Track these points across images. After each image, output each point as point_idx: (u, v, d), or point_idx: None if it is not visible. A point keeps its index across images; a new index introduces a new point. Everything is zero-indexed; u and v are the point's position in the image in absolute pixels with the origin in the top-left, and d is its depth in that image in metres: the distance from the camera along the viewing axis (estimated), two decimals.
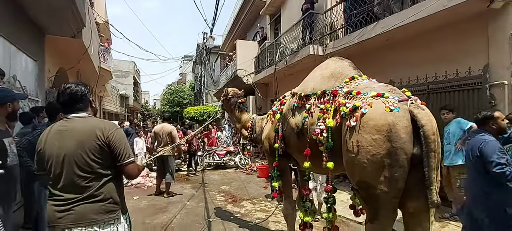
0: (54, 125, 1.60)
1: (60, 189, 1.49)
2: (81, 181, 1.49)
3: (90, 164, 1.50)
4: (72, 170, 1.48)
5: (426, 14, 3.85)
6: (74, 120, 1.57)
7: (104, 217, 1.51)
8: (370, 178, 1.69)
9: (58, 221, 1.46)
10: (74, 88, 1.58)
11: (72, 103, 1.58)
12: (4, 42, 3.97)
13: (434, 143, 1.53)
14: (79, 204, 1.47)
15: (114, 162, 1.57)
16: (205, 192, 5.89)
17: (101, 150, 1.52)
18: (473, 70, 3.91)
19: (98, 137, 1.51)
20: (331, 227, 2.23)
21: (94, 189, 1.50)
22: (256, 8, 11.56)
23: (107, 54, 11.10)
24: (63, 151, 1.49)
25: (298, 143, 2.40)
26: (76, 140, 1.50)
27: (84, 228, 1.47)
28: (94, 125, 1.55)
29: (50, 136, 1.55)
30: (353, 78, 2.17)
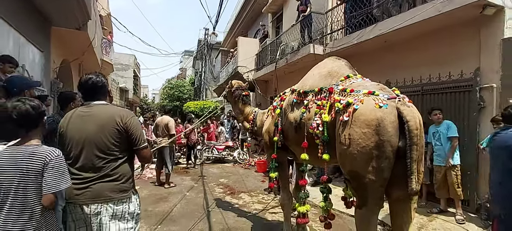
0: (76, 110, 1.75)
1: (78, 168, 1.63)
2: (100, 161, 1.63)
3: (109, 146, 1.65)
4: (91, 151, 1.62)
5: (422, 18, 4.01)
6: (95, 107, 1.72)
7: (118, 195, 1.65)
8: (360, 168, 1.86)
9: (76, 197, 1.60)
10: (96, 78, 1.75)
11: (93, 92, 1.74)
12: (14, 33, 4.09)
13: (417, 137, 1.70)
14: (96, 182, 1.61)
15: (129, 146, 1.72)
16: (204, 184, 6.07)
17: (119, 134, 1.67)
18: (465, 73, 4.08)
19: (117, 123, 1.66)
20: (327, 215, 2.40)
21: (110, 169, 1.64)
22: (258, 6, 11.67)
23: (109, 47, 11.20)
24: (84, 133, 1.64)
25: (296, 136, 2.57)
26: (97, 124, 1.65)
27: (100, 204, 1.61)
28: (113, 112, 1.71)
29: (72, 119, 1.70)
30: (348, 77, 2.34)
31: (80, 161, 1.63)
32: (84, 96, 1.78)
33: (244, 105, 3.83)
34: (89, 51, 7.35)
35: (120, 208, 1.66)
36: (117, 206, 1.65)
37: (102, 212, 1.62)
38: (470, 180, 3.97)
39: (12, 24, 3.94)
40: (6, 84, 2.17)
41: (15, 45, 4.15)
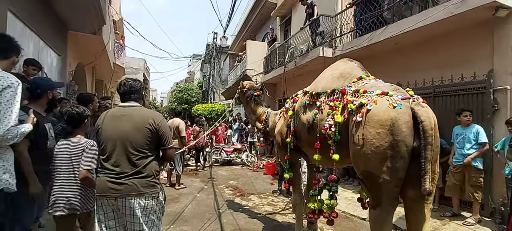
0: (111, 110, 1.96)
1: (113, 164, 1.77)
2: (133, 157, 1.77)
3: (142, 144, 1.79)
4: (126, 148, 1.77)
5: (434, 20, 4.00)
6: (130, 108, 1.89)
7: (149, 190, 1.78)
8: (374, 168, 1.88)
9: (111, 191, 1.73)
10: (133, 82, 1.96)
11: (129, 94, 1.93)
12: (35, 37, 4.28)
13: (431, 137, 1.71)
14: (130, 178, 1.74)
15: (158, 145, 1.89)
16: (214, 185, 6.13)
17: (151, 134, 1.82)
18: (478, 75, 4.03)
19: (150, 124, 1.82)
20: (331, 212, 2.42)
21: (142, 166, 1.78)
22: (267, 9, 11.77)
23: (121, 51, 11.47)
24: (120, 132, 1.79)
25: (308, 137, 2.60)
26: (132, 124, 1.80)
27: (133, 198, 1.73)
28: (147, 114, 1.88)
29: (108, 118, 1.87)
30: (360, 78, 2.36)
31: (115, 157, 1.78)
32: (122, 96, 1.95)
33: (256, 105, 3.87)
34: (102, 55, 7.57)
35: (150, 202, 1.79)
36: (148, 200, 1.78)
37: (134, 205, 1.74)
38: (484, 183, 3.90)
39: (33, 28, 4.13)
40: (30, 86, 2.27)
41: (35, 49, 4.33)
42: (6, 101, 1.72)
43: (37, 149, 2.23)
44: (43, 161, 2.30)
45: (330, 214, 2.41)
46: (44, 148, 2.31)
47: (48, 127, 2.40)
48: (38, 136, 2.24)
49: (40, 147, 2.27)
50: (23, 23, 3.76)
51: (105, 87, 12.35)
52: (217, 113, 14.03)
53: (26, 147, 2.13)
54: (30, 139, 2.16)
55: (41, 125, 2.28)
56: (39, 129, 2.26)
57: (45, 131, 2.34)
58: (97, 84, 11.28)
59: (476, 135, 3.76)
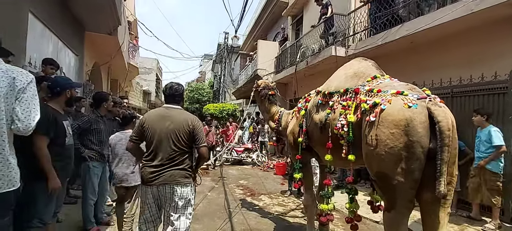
0: (156, 110, 2.28)
1: (156, 157, 2.07)
2: (173, 153, 2.07)
3: (181, 141, 2.08)
4: (168, 144, 2.06)
5: (452, 18, 3.85)
6: (173, 110, 2.19)
7: (184, 180, 2.10)
8: (388, 169, 1.82)
9: (152, 180, 2.05)
10: (177, 87, 2.25)
11: (173, 97, 2.22)
12: (54, 38, 4.44)
13: (448, 138, 1.64)
14: (169, 169, 2.06)
15: (193, 143, 2.16)
16: (224, 185, 6.16)
17: (188, 133, 2.11)
18: (499, 74, 3.85)
19: (188, 125, 2.11)
20: (353, 216, 2.36)
21: (179, 160, 2.09)
22: (278, 9, 11.72)
23: (135, 51, 11.74)
24: (164, 129, 2.08)
25: (321, 137, 2.56)
26: (175, 124, 2.09)
27: (172, 185, 2.06)
28: (186, 116, 2.17)
29: (153, 117, 2.18)
30: (375, 78, 2.30)
31: (159, 151, 2.08)
32: (166, 98, 2.26)
33: (270, 104, 3.87)
34: (117, 55, 7.77)
35: (185, 190, 2.11)
36: (182, 188, 2.10)
37: (173, 192, 2.07)
38: (505, 188, 3.72)
39: (52, 29, 4.29)
40: (51, 84, 2.36)
41: (54, 49, 4.50)
42: (32, 95, 1.79)
43: (55, 146, 2.30)
44: (62, 158, 2.38)
45: (353, 219, 2.34)
46: (62, 145, 2.38)
47: (66, 124, 2.48)
48: (57, 133, 2.32)
49: (59, 144, 2.35)
50: (43, 24, 3.90)
51: (120, 87, 12.68)
52: (228, 113, 14.11)
53: (46, 144, 2.21)
54: (49, 136, 2.24)
55: (59, 122, 2.35)
56: (58, 126, 2.34)
57: (64, 128, 2.41)
58: (112, 83, 11.61)
59: (489, 137, 3.60)
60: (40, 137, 2.19)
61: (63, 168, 2.38)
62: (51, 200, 2.30)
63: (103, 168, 3.33)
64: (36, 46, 3.67)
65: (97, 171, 3.22)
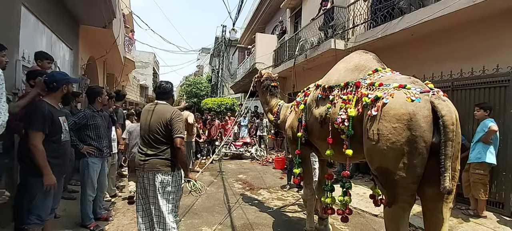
0: (147, 105, 2.54)
1: (143, 146, 2.36)
2: (155, 143, 2.31)
3: (160, 132, 2.30)
4: (150, 135, 2.32)
5: (454, 10, 3.80)
6: (158, 105, 2.42)
7: (165, 168, 2.30)
8: (390, 164, 1.79)
9: (141, 166, 2.33)
10: (165, 85, 2.50)
11: (161, 93, 2.47)
12: (47, 31, 4.33)
13: (452, 132, 1.61)
14: (152, 157, 2.30)
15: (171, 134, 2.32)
16: (223, 179, 6.14)
17: (166, 125, 2.30)
18: (501, 67, 3.81)
19: (166, 118, 2.30)
20: (344, 209, 2.36)
21: (160, 150, 2.31)
22: (277, 1, 11.57)
23: (131, 45, 11.57)
24: (148, 122, 2.34)
25: (321, 132, 2.52)
26: (156, 117, 2.32)
27: (152, 172, 2.29)
28: (167, 110, 2.36)
29: (143, 111, 2.48)
30: (376, 71, 2.26)
31: (145, 141, 2.36)
32: (156, 95, 2.52)
33: (271, 96, 3.79)
34: (113, 48, 7.63)
35: (167, 178, 2.31)
36: (164, 175, 2.30)
37: (155, 178, 2.29)
38: (505, 181, 3.73)
39: (46, 23, 4.17)
40: (47, 79, 2.29)
41: (48, 43, 4.39)
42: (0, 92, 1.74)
43: (51, 142, 2.27)
44: (58, 154, 2.34)
45: (344, 211, 2.35)
46: (58, 141, 2.34)
47: (62, 120, 2.42)
48: (52, 129, 2.27)
49: (54, 140, 2.30)
50: (36, 17, 3.79)
51: (116, 81, 12.54)
52: (226, 107, 14.04)
53: (41, 140, 2.17)
54: (45, 132, 2.19)
55: (55, 118, 2.30)
56: (54, 122, 2.29)
57: (59, 124, 2.37)
58: (109, 77, 11.46)
59: (483, 127, 3.59)
60: (36, 133, 2.15)
61: (59, 165, 2.34)
62: (48, 196, 2.27)
63: (101, 163, 3.29)
64: (30, 40, 3.56)
65: (96, 167, 3.18)
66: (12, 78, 2.99)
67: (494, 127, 3.45)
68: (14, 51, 3.02)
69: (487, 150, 3.59)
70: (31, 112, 2.19)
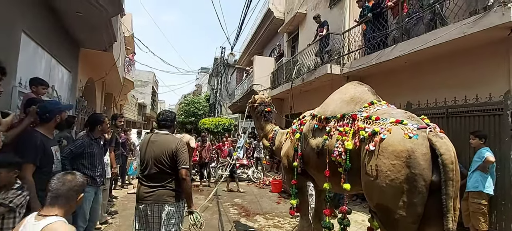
0: (148, 136, 2.50)
1: (147, 178, 2.29)
2: (159, 174, 2.27)
3: (164, 164, 2.26)
4: (155, 167, 2.27)
5: (444, 40, 3.91)
6: (161, 135, 2.40)
7: (171, 199, 2.28)
8: (389, 202, 1.76)
9: (146, 199, 2.27)
10: (168, 114, 2.54)
11: (162, 122, 2.46)
12: (47, 55, 4.37)
13: (452, 171, 1.60)
14: (158, 189, 2.27)
15: (176, 165, 2.30)
16: (219, 204, 5.99)
17: (171, 156, 2.27)
18: (494, 95, 3.87)
19: (172, 148, 2.28)
20: None
21: (166, 181, 2.28)
22: (274, 25, 11.90)
23: (131, 66, 11.70)
24: (151, 153, 2.30)
25: (317, 162, 2.50)
26: (160, 148, 2.29)
27: (158, 204, 2.25)
28: (171, 140, 2.35)
29: (145, 142, 2.42)
30: (372, 104, 2.28)
31: (149, 173, 2.29)
32: (158, 124, 2.53)
33: (265, 122, 3.78)
34: (112, 70, 7.70)
35: (172, 209, 2.27)
36: (170, 206, 2.27)
37: (161, 210, 2.25)
38: (505, 211, 3.67)
39: (46, 48, 4.22)
40: (39, 110, 2.27)
41: (47, 67, 4.41)
42: None
43: (42, 174, 2.20)
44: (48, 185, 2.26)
45: None
46: (49, 172, 2.26)
47: (54, 150, 2.38)
48: (44, 160, 2.22)
49: (45, 172, 2.24)
50: (36, 43, 3.84)
51: (114, 101, 12.55)
52: (223, 128, 14.01)
53: (32, 172, 2.11)
54: (36, 164, 2.14)
55: (47, 148, 2.26)
56: (46, 153, 2.24)
57: (51, 154, 2.31)
58: (107, 97, 11.47)
59: (479, 155, 3.56)
60: (27, 165, 2.09)
61: None
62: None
63: (95, 192, 3.19)
64: (28, 65, 3.58)
65: (89, 196, 3.07)
66: (8, 104, 2.97)
67: (490, 158, 3.44)
68: (11, 78, 3.03)
69: (485, 180, 3.55)
70: (23, 143, 2.15)
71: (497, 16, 3.38)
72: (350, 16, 6.78)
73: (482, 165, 3.51)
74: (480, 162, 3.56)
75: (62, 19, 4.64)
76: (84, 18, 4.47)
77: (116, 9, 4.44)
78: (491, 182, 3.56)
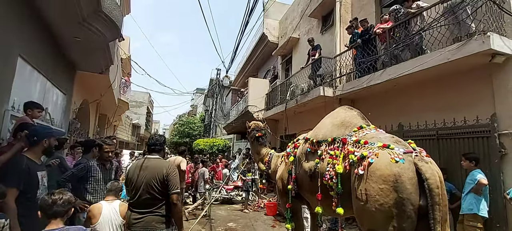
0: (138, 161, 2.46)
1: (136, 205, 2.24)
2: (149, 200, 2.23)
3: (155, 189, 2.23)
4: (145, 193, 2.23)
5: (431, 65, 4.07)
6: (151, 160, 2.38)
7: (161, 226, 2.23)
8: (380, 227, 1.76)
9: (134, 225, 2.21)
10: (158, 137, 2.54)
11: (153, 146, 2.46)
12: (42, 79, 4.39)
13: (438, 196, 1.63)
14: (147, 215, 2.22)
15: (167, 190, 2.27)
16: (212, 228, 5.83)
17: (162, 181, 2.25)
18: (481, 118, 3.99)
19: (163, 173, 2.26)
20: None
21: (155, 207, 2.24)
22: (269, 49, 12.24)
23: (126, 87, 11.76)
24: (142, 179, 2.25)
25: (310, 185, 2.51)
26: (150, 173, 2.26)
27: None
28: (162, 165, 2.33)
29: (134, 168, 2.38)
30: (361, 128, 2.34)
31: (138, 199, 2.24)
32: (148, 148, 2.52)
33: (260, 146, 3.84)
34: (108, 91, 7.74)
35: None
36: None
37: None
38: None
39: (42, 71, 4.26)
40: (29, 133, 2.27)
41: (41, 90, 4.42)
42: None
43: (25, 200, 2.14)
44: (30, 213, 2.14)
45: None
46: (32, 198, 2.20)
47: (41, 175, 2.33)
48: (28, 185, 2.17)
49: (28, 198, 2.18)
50: (32, 67, 3.88)
51: (108, 121, 12.46)
52: (218, 149, 13.92)
53: (14, 197, 2.05)
54: (19, 189, 2.09)
55: (32, 173, 2.22)
56: (30, 178, 2.19)
57: (37, 179, 2.26)
58: (101, 118, 11.40)
59: (472, 178, 3.59)
60: (9, 190, 2.03)
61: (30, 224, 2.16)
62: None
63: None
64: (22, 88, 3.59)
65: None
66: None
67: (483, 181, 3.46)
68: (3, 102, 3.03)
69: (479, 202, 3.55)
70: (8, 168, 2.11)
71: (478, 44, 3.56)
72: (340, 41, 7.04)
73: (475, 187, 3.53)
74: (473, 184, 3.58)
75: (59, 43, 4.72)
76: (82, 43, 4.55)
77: (115, 34, 4.55)
78: (485, 205, 3.56)
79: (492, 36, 3.49)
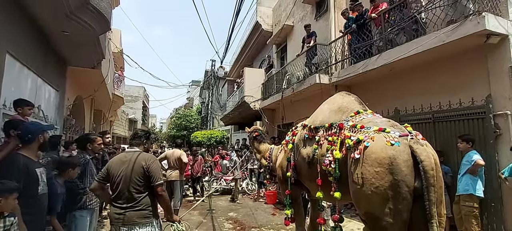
0: (118, 156, 2.46)
1: (118, 199, 2.22)
2: (130, 194, 2.20)
3: (137, 183, 2.21)
4: (126, 187, 2.21)
5: (426, 48, 4.06)
6: (131, 153, 2.35)
7: (143, 220, 2.21)
8: (376, 210, 1.78)
9: (116, 221, 2.21)
10: (138, 131, 2.56)
11: (133, 139, 2.49)
12: (33, 76, 4.30)
13: (433, 177, 1.64)
14: (128, 210, 2.19)
15: (149, 183, 2.25)
16: (213, 219, 5.89)
17: (143, 174, 2.23)
18: (476, 100, 4.01)
19: (142, 166, 2.23)
20: None
21: (137, 201, 2.21)
22: (263, 38, 12.09)
23: (120, 82, 11.60)
24: (122, 173, 2.24)
25: (309, 172, 2.52)
26: (130, 166, 2.23)
27: (129, 227, 2.18)
28: (141, 157, 2.30)
29: (115, 161, 2.36)
30: (358, 113, 2.33)
31: (120, 193, 2.23)
32: (129, 141, 2.54)
33: (259, 143, 4.01)
34: (101, 86, 7.62)
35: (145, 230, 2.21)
36: (141, 228, 2.20)
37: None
38: (495, 212, 3.75)
39: (32, 68, 4.16)
40: (21, 132, 2.23)
41: (33, 87, 4.33)
42: None
43: (26, 197, 2.14)
44: (32, 210, 2.19)
45: None
46: (34, 195, 2.21)
47: (39, 172, 2.31)
48: (27, 183, 2.16)
49: (30, 195, 2.18)
50: (21, 64, 3.78)
51: (104, 117, 12.36)
52: (216, 140, 13.93)
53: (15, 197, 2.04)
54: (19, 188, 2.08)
55: (31, 170, 2.20)
56: (29, 175, 2.18)
57: (36, 176, 2.25)
58: (96, 114, 11.30)
59: (468, 159, 3.64)
60: None
61: (33, 221, 2.18)
62: None
63: (90, 219, 3.09)
64: (13, 86, 3.52)
65: (86, 221, 2.98)
66: None
67: (480, 161, 3.51)
68: None
69: (475, 182, 3.61)
70: (4, 169, 2.09)
71: (473, 24, 3.54)
72: (335, 27, 6.97)
73: (472, 168, 3.58)
74: (469, 165, 3.63)
75: (48, 39, 4.60)
76: (71, 37, 4.43)
77: (104, 27, 4.44)
78: (481, 185, 3.63)
79: (487, 16, 3.46)
